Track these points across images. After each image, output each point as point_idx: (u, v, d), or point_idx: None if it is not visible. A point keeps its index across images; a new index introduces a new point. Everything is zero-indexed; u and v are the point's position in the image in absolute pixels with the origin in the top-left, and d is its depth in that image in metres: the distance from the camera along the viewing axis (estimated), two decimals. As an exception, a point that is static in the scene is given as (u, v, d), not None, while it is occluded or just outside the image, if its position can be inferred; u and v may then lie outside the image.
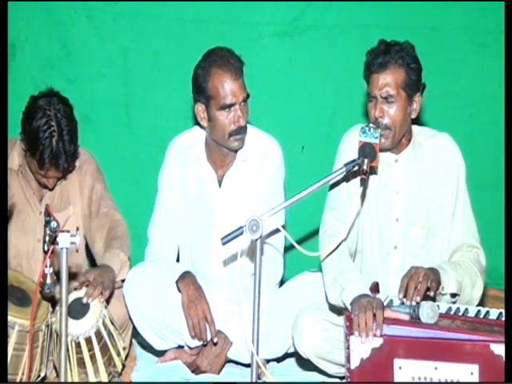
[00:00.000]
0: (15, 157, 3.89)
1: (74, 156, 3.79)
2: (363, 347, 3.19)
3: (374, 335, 3.18)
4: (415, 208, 3.64)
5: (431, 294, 3.35)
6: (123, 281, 3.82)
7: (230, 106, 3.74)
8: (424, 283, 3.32)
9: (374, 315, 3.21)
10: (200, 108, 3.81)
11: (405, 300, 3.32)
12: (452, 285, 3.42)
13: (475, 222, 3.65)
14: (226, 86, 3.73)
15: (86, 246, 4.02)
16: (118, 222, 3.95)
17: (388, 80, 3.48)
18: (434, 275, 3.37)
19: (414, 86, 3.52)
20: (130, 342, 3.99)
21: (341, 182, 3.64)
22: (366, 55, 3.55)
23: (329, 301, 3.52)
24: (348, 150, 3.62)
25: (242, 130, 3.79)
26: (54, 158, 3.70)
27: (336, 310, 3.54)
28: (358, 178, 3.54)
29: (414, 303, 3.28)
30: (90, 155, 4.02)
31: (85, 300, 3.57)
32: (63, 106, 3.77)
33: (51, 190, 3.90)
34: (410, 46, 3.55)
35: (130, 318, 3.84)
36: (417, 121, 3.70)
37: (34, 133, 3.71)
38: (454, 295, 3.46)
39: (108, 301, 3.72)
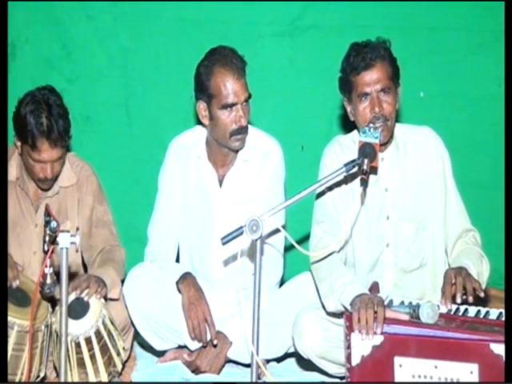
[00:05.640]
0: (13, 168, 3.84)
1: (66, 133, 3.71)
2: (364, 344, 3.19)
3: (375, 333, 3.18)
4: (404, 204, 3.66)
5: (481, 294, 3.32)
6: (113, 300, 3.78)
7: (232, 105, 3.73)
8: (469, 284, 3.31)
9: (375, 312, 3.21)
10: (202, 106, 3.80)
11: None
12: (473, 274, 3.41)
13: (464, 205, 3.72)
14: (228, 86, 3.72)
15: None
16: (116, 248, 3.93)
17: (379, 74, 3.53)
18: (470, 275, 3.37)
19: (397, 76, 3.61)
20: (132, 345, 3.99)
21: (326, 194, 3.65)
22: (347, 60, 3.57)
23: (328, 310, 3.50)
24: (330, 164, 3.66)
25: (243, 130, 3.78)
26: (45, 132, 3.64)
27: (335, 316, 3.53)
28: (342, 189, 3.62)
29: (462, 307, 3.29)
30: (92, 172, 3.96)
31: (83, 296, 3.58)
32: (50, 92, 3.75)
33: (50, 182, 3.80)
34: (383, 40, 3.61)
35: (132, 322, 3.83)
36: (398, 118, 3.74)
37: (23, 117, 3.67)
38: None
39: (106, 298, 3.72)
